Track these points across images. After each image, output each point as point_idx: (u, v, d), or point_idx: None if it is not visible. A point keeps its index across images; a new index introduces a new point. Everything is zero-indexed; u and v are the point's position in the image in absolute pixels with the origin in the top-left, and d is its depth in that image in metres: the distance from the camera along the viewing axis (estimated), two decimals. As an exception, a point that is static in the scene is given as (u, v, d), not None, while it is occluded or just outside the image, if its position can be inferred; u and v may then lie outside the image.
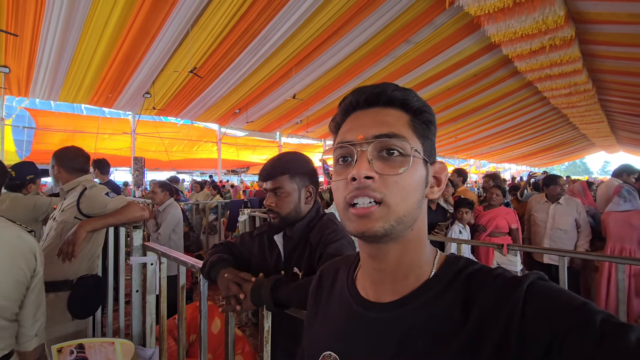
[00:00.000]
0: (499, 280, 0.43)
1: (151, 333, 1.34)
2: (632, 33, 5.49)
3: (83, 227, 1.46)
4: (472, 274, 0.45)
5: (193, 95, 7.54)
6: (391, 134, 0.46)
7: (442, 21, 5.90)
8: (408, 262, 0.48)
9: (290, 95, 7.95)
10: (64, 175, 1.63)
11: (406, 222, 0.46)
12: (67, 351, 1.26)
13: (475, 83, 8.88)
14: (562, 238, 3.16)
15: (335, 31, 5.73)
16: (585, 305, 0.37)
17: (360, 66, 7.13)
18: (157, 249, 1.37)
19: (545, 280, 0.42)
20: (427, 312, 0.45)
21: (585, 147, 22.23)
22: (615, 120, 13.18)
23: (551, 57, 6.65)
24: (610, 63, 7.20)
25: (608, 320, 0.35)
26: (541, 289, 0.40)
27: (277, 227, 1.11)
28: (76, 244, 1.41)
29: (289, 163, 1.08)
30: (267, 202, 1.05)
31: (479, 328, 0.41)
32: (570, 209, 3.16)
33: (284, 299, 0.87)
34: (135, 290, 1.47)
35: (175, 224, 2.99)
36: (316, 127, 10.96)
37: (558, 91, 8.87)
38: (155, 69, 6.26)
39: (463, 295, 0.44)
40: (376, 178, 0.45)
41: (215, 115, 8.97)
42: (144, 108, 7.64)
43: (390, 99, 0.48)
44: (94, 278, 1.57)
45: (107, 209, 1.56)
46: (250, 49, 5.91)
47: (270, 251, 1.12)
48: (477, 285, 0.44)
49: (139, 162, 8.01)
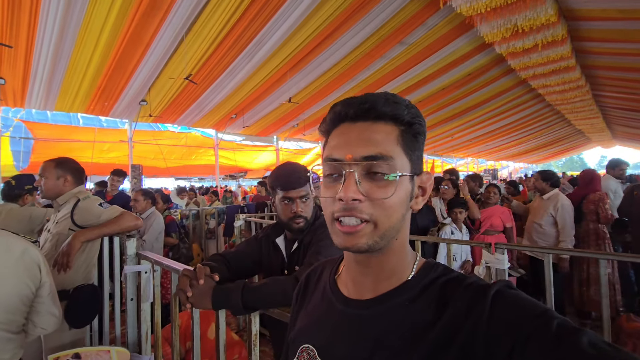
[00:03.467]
0: (470, 288, 0.45)
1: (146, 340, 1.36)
2: (623, 29, 5.55)
3: (77, 237, 1.47)
4: (447, 282, 0.48)
5: (189, 101, 7.56)
6: (379, 156, 0.46)
7: (434, 22, 5.94)
8: (391, 267, 0.51)
9: (285, 99, 7.98)
10: (70, 186, 1.65)
11: (389, 235, 0.48)
12: (63, 361, 1.26)
13: (469, 82, 8.93)
14: (537, 231, 3.18)
15: (329, 34, 5.77)
16: (545, 312, 0.40)
17: (354, 69, 7.17)
18: (150, 258, 1.38)
19: (512, 289, 0.44)
20: (402, 312, 0.47)
21: (581, 143, 22.31)
22: (610, 115, 13.24)
23: (544, 54, 6.69)
24: (603, 59, 7.26)
25: (564, 325, 0.38)
26: (506, 297, 0.42)
27: (278, 231, 1.21)
28: (71, 255, 1.43)
29: (306, 172, 1.16)
30: (297, 210, 1.12)
31: (449, 330, 0.43)
32: (548, 204, 3.14)
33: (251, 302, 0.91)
34: (130, 299, 1.48)
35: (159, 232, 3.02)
36: (312, 130, 10.98)
37: (552, 88, 8.92)
38: (151, 76, 6.28)
39: (437, 300, 0.46)
40: (363, 199, 0.46)
41: (211, 121, 8.98)
42: (141, 115, 7.65)
43: (381, 114, 0.49)
44: (90, 287, 1.59)
45: (101, 220, 1.58)
46: (245, 54, 5.94)
47: (274, 252, 1.21)
48: (450, 292, 0.46)
49: (137, 169, 8.02)
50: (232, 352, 2.07)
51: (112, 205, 1.67)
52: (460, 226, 3.04)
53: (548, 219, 3.12)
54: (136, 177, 8.02)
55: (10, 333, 1.07)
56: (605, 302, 1.70)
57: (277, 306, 0.90)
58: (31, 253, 1.12)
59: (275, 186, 1.15)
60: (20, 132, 7.48)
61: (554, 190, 3.17)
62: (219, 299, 0.89)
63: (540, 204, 3.25)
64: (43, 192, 1.66)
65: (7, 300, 1.06)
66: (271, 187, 1.18)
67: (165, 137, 9.60)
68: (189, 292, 0.89)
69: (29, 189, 2.31)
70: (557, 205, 3.05)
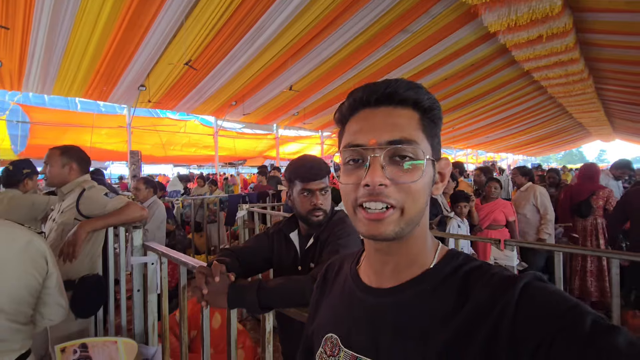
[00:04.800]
0: (495, 279, 0.43)
1: (153, 331, 1.37)
2: (630, 21, 5.48)
3: (83, 227, 1.47)
4: (470, 271, 0.46)
5: (188, 87, 7.47)
6: (404, 140, 0.46)
7: (438, 11, 5.84)
8: (412, 254, 0.50)
9: (286, 86, 7.90)
10: (75, 175, 1.63)
11: (415, 221, 0.48)
12: (70, 351, 1.28)
13: (472, 73, 8.84)
14: (522, 221, 3.41)
15: (331, 22, 5.67)
16: (576, 306, 0.37)
17: (356, 57, 7.07)
18: (157, 249, 1.38)
19: (541, 281, 0.42)
20: (423, 301, 0.47)
21: (581, 136, 22.28)
22: (612, 108, 13.19)
23: (548, 46, 6.61)
24: (608, 51, 7.18)
25: (598, 322, 0.35)
26: (535, 290, 0.40)
27: (291, 225, 1.18)
28: (77, 245, 1.42)
29: (325, 164, 1.15)
30: (317, 202, 1.10)
31: (470, 322, 0.42)
32: (528, 195, 3.38)
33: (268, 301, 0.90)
34: (137, 290, 1.48)
35: (161, 221, 3.03)
36: (313, 118, 10.91)
37: (555, 80, 8.84)
38: (150, 61, 6.18)
39: (459, 290, 0.45)
40: (389, 184, 0.46)
41: (211, 107, 8.90)
42: (139, 101, 7.57)
43: (403, 100, 0.48)
44: (95, 278, 1.59)
45: (107, 210, 1.57)
46: (246, 40, 5.84)
47: (287, 248, 1.18)
48: (473, 281, 0.45)
49: (136, 155, 7.97)
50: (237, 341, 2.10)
51: (117, 195, 1.66)
52: (463, 220, 3.08)
53: (530, 208, 3.37)
54: (135, 164, 7.98)
55: (19, 324, 1.07)
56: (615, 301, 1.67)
57: (293, 306, 0.88)
58: (36, 244, 1.11)
59: (293, 178, 1.12)
60: (17, 115, 7.40)
61: (529, 183, 3.48)
62: (235, 298, 0.89)
63: (520, 196, 3.49)
64: (48, 180, 1.65)
65: (14, 291, 1.06)
66: (289, 179, 1.15)
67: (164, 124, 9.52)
68: (205, 290, 0.88)
69: (27, 173, 2.28)
70: (536, 194, 3.32)
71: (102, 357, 1.26)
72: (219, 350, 2.04)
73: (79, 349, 1.27)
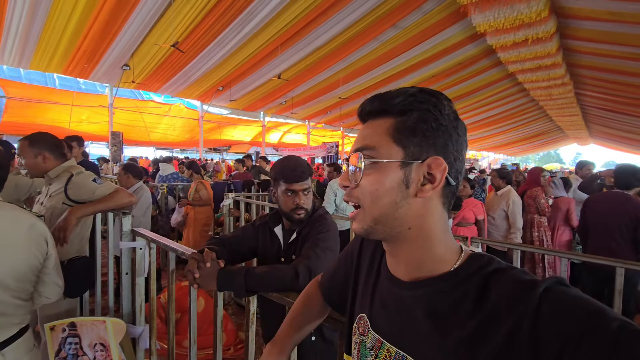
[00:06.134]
0: (515, 281, 0.43)
1: (141, 312, 1.42)
2: (610, 31, 5.69)
3: (73, 213, 1.48)
4: (492, 272, 0.46)
5: (174, 70, 7.31)
6: (364, 147, 0.51)
7: (429, 8, 5.90)
8: (418, 258, 0.51)
9: (275, 74, 7.83)
10: (51, 163, 1.62)
11: (385, 222, 0.49)
12: (59, 329, 1.31)
13: (458, 71, 9.00)
14: (490, 223, 3.49)
15: (323, 11, 5.65)
16: (601, 311, 0.37)
17: (346, 49, 7.08)
18: (146, 235, 1.42)
19: (564, 285, 0.41)
20: (441, 299, 0.48)
21: (559, 139, 23.13)
22: (589, 114, 13.73)
23: (533, 49, 6.80)
24: (588, 58, 7.45)
25: (624, 327, 0.34)
26: (558, 294, 0.40)
27: (276, 220, 1.27)
28: (67, 230, 1.45)
29: (308, 166, 1.23)
30: (300, 202, 1.18)
31: (487, 323, 0.42)
32: (501, 200, 3.44)
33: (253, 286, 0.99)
34: (125, 273, 1.52)
35: (147, 207, 3.02)
36: (301, 108, 10.88)
37: (537, 83, 9.13)
38: (135, 41, 6.01)
39: (478, 290, 0.45)
40: (352, 186, 0.51)
41: (197, 91, 8.74)
42: (123, 81, 7.36)
43: (377, 111, 0.52)
44: (83, 259, 1.62)
45: (96, 195, 1.58)
46: (236, 25, 5.75)
47: (272, 240, 1.27)
48: (493, 283, 0.44)
49: (117, 137, 7.78)
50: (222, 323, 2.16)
51: (105, 182, 1.67)
52: None
53: (500, 213, 3.41)
54: (116, 145, 7.80)
55: (21, 300, 1.15)
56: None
57: (276, 291, 0.97)
58: (39, 227, 1.18)
59: (279, 178, 1.20)
60: (-9, 89, 7.06)
61: (507, 187, 3.49)
62: (223, 282, 0.97)
63: (494, 199, 3.55)
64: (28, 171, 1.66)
65: (19, 269, 1.13)
66: (274, 179, 1.24)
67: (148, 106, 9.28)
68: (197, 274, 0.96)
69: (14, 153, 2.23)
70: (508, 202, 3.35)
71: (91, 335, 1.30)
72: (200, 333, 2.10)
73: (68, 328, 1.30)
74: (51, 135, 1.70)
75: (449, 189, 0.51)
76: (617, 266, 1.53)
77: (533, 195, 3.61)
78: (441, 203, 0.51)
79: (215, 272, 0.98)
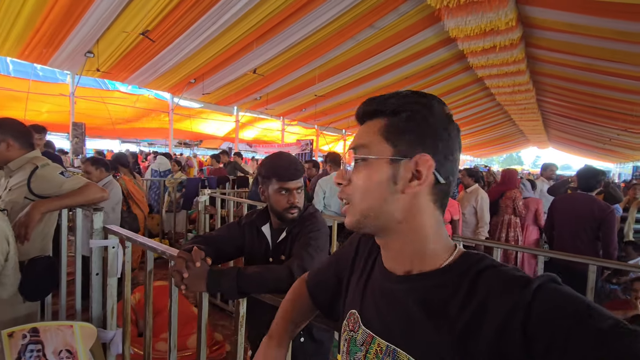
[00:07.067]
0: (506, 278, 0.44)
1: (112, 315, 1.32)
2: (570, 42, 6.07)
3: (37, 208, 1.34)
4: (482, 269, 0.46)
5: (143, 59, 6.96)
6: (355, 146, 0.53)
7: (406, 9, 6.01)
8: (409, 252, 0.52)
9: (250, 68, 7.68)
10: (16, 153, 1.46)
11: (374, 216, 0.51)
12: (19, 335, 1.20)
13: (430, 74, 9.25)
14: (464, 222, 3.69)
15: (301, 7, 5.59)
16: (593, 308, 0.37)
17: (324, 46, 7.06)
18: (119, 232, 1.32)
19: (556, 283, 0.42)
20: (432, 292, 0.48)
21: (521, 142, 24.49)
22: (549, 119, 14.63)
23: (500, 56, 7.13)
24: (549, 67, 7.92)
25: (617, 325, 0.35)
26: (550, 291, 0.40)
27: (263, 219, 1.22)
28: (29, 227, 1.30)
29: (301, 163, 1.20)
30: (294, 201, 1.15)
31: (478, 317, 0.42)
32: (470, 197, 3.65)
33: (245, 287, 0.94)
34: (96, 273, 1.40)
35: (116, 202, 2.84)
36: (276, 104, 10.75)
37: (503, 89, 9.60)
38: (101, 27, 5.64)
39: (470, 284, 0.45)
40: (345, 183, 0.54)
41: (167, 83, 8.38)
42: (86, 69, 6.90)
43: (366, 113, 0.55)
44: (46, 259, 1.47)
45: (63, 190, 1.44)
46: (210, 15, 5.56)
47: (259, 240, 1.22)
48: (485, 278, 0.45)
49: (79, 128, 7.29)
50: (193, 325, 2.08)
51: (74, 175, 1.54)
52: None
53: (470, 209, 3.62)
54: (78, 137, 7.32)
55: None
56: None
57: (268, 292, 0.93)
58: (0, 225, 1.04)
59: (271, 175, 1.15)
60: None
61: (475, 185, 3.72)
62: (213, 282, 0.91)
63: (464, 197, 3.76)
64: None
65: None
66: (265, 176, 1.18)
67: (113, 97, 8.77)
68: (185, 274, 0.90)
69: None
70: (477, 198, 3.57)
71: (56, 341, 1.20)
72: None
73: (29, 334, 1.19)
74: (18, 121, 1.54)
75: (440, 188, 0.52)
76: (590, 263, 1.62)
77: (512, 197, 3.73)
78: (431, 200, 0.52)
79: (205, 272, 0.92)
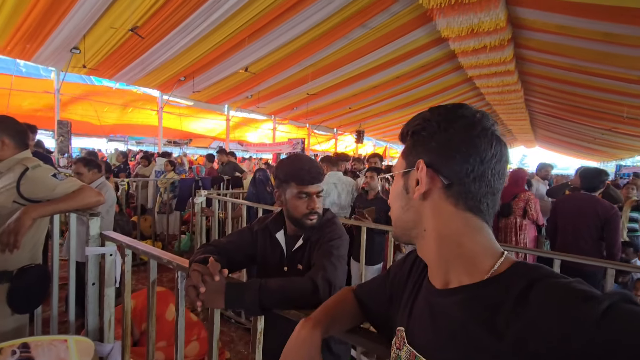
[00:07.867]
0: (569, 289, 0.38)
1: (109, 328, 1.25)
2: (558, 43, 6.17)
3: (28, 213, 1.24)
4: (536, 279, 0.41)
5: (132, 56, 6.80)
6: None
7: (397, 9, 6.01)
8: (442, 260, 0.51)
9: (241, 66, 7.59)
10: (10, 152, 1.37)
11: (400, 225, 0.57)
12: (7, 352, 1.13)
13: (421, 74, 9.31)
14: None
15: (292, 5, 5.54)
16: None
17: (316, 45, 7.02)
18: (117, 239, 1.25)
19: (631, 303, 0.36)
20: (476, 308, 0.44)
21: (509, 141, 24.89)
22: (536, 119, 14.91)
23: (490, 56, 7.21)
24: (538, 67, 8.04)
25: None
26: (625, 314, 0.35)
27: (277, 225, 1.14)
28: (19, 233, 1.21)
29: (320, 167, 1.13)
30: (315, 206, 1.08)
31: (529, 332, 0.38)
32: None
33: (269, 302, 0.85)
34: (92, 283, 1.32)
35: (110, 205, 2.75)
36: (267, 102, 10.66)
37: (492, 89, 9.73)
38: (88, 22, 5.48)
39: (520, 298, 0.41)
40: None
41: (156, 80, 8.22)
42: (72, 65, 6.70)
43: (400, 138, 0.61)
44: (37, 268, 1.39)
45: (56, 193, 1.36)
46: (202, 12, 5.46)
47: (272, 247, 1.14)
48: (537, 291, 0.40)
49: (65, 126, 7.08)
50: (191, 332, 2.03)
51: (68, 177, 1.45)
52: None
53: None
54: (63, 135, 7.11)
55: None
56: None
57: (294, 307, 0.84)
58: None
59: (290, 179, 1.08)
60: None
61: None
62: (233, 298, 0.84)
63: None
64: None
65: None
66: (283, 180, 1.10)
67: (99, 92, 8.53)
68: (202, 289, 0.82)
69: None
70: None
71: (48, 357, 1.13)
72: (171, 343, 1.95)
73: (19, 350, 1.13)
74: (15, 119, 1.45)
75: (457, 189, 0.49)
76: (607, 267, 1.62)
77: (526, 199, 3.59)
78: (451, 204, 0.50)
79: (223, 286, 0.84)
